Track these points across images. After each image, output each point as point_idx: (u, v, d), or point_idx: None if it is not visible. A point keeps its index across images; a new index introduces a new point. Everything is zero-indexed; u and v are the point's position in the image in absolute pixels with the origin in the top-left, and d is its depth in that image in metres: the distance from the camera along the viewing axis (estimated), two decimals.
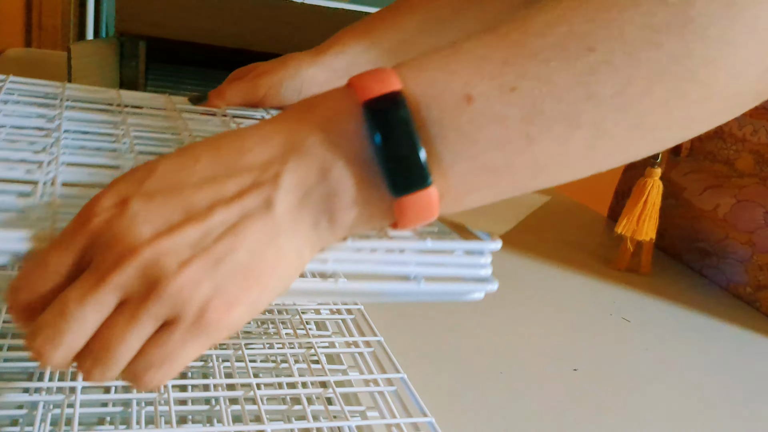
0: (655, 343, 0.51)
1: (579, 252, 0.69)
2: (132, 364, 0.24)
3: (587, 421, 0.40)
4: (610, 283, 0.62)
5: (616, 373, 0.46)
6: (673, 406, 0.43)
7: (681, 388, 0.45)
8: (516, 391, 0.42)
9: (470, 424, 0.38)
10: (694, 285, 0.66)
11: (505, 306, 0.54)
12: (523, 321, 0.52)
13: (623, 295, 0.60)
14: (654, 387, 0.45)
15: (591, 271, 0.64)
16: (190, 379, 0.36)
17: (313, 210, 0.25)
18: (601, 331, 0.52)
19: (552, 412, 0.40)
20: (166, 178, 0.25)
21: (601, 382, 0.44)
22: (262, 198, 0.25)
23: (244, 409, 0.32)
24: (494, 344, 0.47)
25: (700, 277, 0.68)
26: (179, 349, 0.24)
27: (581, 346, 0.49)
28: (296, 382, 0.35)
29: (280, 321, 0.41)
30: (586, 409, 0.41)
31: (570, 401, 0.42)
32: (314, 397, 0.35)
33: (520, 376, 0.44)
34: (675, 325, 0.55)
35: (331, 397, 0.34)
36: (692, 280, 0.67)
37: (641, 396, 0.44)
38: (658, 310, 0.58)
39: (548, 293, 0.58)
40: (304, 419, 0.33)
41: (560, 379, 0.44)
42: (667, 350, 0.51)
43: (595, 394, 0.43)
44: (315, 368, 0.37)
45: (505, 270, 0.61)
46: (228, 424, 0.31)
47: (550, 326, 0.51)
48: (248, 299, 0.25)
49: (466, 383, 0.42)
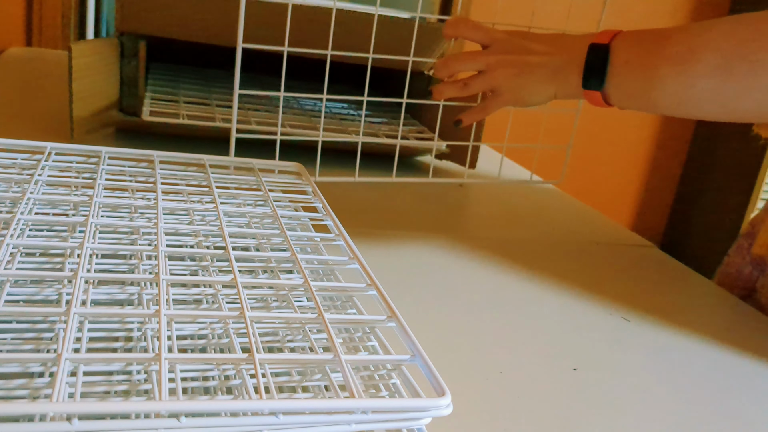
0: (655, 343, 0.51)
1: (579, 251, 0.70)
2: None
3: (587, 421, 0.40)
4: (610, 283, 0.62)
5: (616, 373, 0.46)
6: (673, 406, 0.43)
7: (681, 389, 0.45)
8: (516, 391, 0.42)
9: (470, 424, 0.38)
10: (694, 285, 0.66)
11: (505, 305, 0.54)
12: (523, 321, 0.52)
13: (623, 295, 0.60)
14: (654, 387, 0.45)
15: (591, 271, 0.64)
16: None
17: (554, 79, 0.59)
18: (600, 331, 0.52)
19: (552, 412, 0.40)
20: (516, 43, 0.61)
21: (601, 382, 0.45)
22: (547, 64, 0.59)
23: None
24: (494, 344, 0.47)
25: (701, 276, 0.68)
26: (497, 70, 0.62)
27: (581, 346, 0.49)
28: None
29: None
30: (586, 409, 0.41)
31: (570, 401, 0.42)
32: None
33: (520, 376, 0.44)
34: (675, 325, 0.55)
35: (327, 385, 0.34)
36: (693, 280, 0.67)
37: (641, 396, 0.44)
38: (657, 310, 0.58)
39: (548, 293, 0.58)
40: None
41: (560, 379, 0.44)
42: (667, 350, 0.51)
43: (595, 394, 0.43)
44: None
45: (504, 270, 0.61)
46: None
47: (550, 326, 0.51)
48: (518, 93, 0.61)
49: (465, 383, 0.42)
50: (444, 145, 0.88)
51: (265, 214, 0.48)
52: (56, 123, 0.84)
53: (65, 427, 0.24)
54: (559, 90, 0.60)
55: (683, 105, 0.53)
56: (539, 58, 0.60)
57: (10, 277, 0.35)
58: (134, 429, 0.24)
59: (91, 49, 0.77)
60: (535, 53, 0.60)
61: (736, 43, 0.49)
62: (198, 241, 0.46)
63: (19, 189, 0.46)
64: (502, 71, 0.61)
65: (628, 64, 0.54)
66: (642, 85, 0.54)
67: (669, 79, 0.52)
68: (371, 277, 0.38)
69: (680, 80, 0.51)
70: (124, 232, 0.45)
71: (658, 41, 0.53)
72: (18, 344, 0.33)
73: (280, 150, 0.73)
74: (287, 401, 0.26)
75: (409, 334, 0.33)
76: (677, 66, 0.51)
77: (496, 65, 0.61)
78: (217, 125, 0.79)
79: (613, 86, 0.56)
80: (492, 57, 0.61)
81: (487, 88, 0.62)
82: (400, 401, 0.28)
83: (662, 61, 0.52)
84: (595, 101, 0.58)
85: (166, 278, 0.35)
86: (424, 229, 0.69)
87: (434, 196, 0.80)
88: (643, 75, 0.53)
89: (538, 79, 0.60)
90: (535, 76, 0.60)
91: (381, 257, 0.59)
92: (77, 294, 0.32)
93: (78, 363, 0.29)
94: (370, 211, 0.71)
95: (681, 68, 0.51)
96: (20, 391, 0.29)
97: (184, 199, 0.50)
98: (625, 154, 2.43)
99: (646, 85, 0.53)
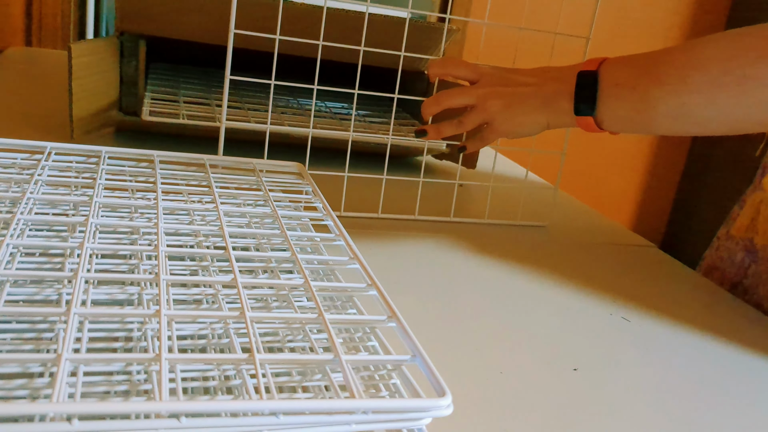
0: (656, 344, 0.51)
1: (579, 251, 0.69)
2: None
3: (587, 421, 0.40)
4: (610, 283, 0.62)
5: (616, 373, 0.46)
6: (673, 406, 0.43)
7: (682, 389, 0.45)
8: (516, 391, 0.42)
9: (470, 424, 0.38)
10: (694, 285, 0.66)
11: (506, 305, 0.54)
12: (523, 321, 0.52)
13: (623, 295, 0.60)
14: (654, 387, 0.45)
15: (591, 271, 0.64)
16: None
17: (546, 107, 0.59)
18: (601, 331, 0.52)
19: (552, 412, 0.40)
20: (504, 76, 0.62)
21: (601, 382, 0.44)
22: (536, 94, 0.59)
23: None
24: (494, 344, 0.47)
25: (701, 276, 0.68)
26: (486, 101, 0.61)
27: (581, 346, 0.49)
28: None
29: None
30: (586, 409, 0.41)
31: (570, 401, 0.42)
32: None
33: (520, 376, 0.44)
34: (675, 325, 0.55)
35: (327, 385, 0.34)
36: (693, 280, 0.67)
37: (641, 396, 0.44)
38: (658, 310, 0.58)
39: (548, 293, 0.58)
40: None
41: (560, 379, 0.44)
42: (668, 350, 0.51)
43: (595, 394, 0.43)
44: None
45: (505, 270, 0.61)
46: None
47: (550, 326, 0.51)
48: (511, 123, 0.61)
49: (465, 383, 0.42)
50: (444, 145, 0.88)
51: (266, 214, 0.48)
52: (56, 123, 0.84)
53: (65, 428, 0.24)
54: (551, 119, 0.60)
55: (678, 122, 0.53)
56: (528, 89, 0.60)
57: (10, 277, 0.35)
58: (134, 429, 0.24)
59: (90, 49, 0.77)
60: (524, 84, 0.60)
61: (724, 58, 0.49)
62: (198, 241, 0.46)
63: (19, 189, 0.46)
64: (492, 102, 0.61)
65: (617, 86, 0.55)
66: (633, 107, 0.54)
67: (660, 99, 0.52)
68: (371, 277, 0.38)
69: (671, 99, 0.52)
70: (124, 232, 0.45)
71: (646, 63, 0.53)
72: (18, 344, 0.33)
73: (280, 150, 0.73)
74: (287, 401, 0.26)
75: (409, 334, 0.33)
76: (667, 85, 0.52)
77: (486, 97, 0.61)
78: (217, 125, 0.79)
79: (605, 110, 0.56)
80: (482, 90, 0.61)
81: (481, 121, 0.62)
82: (400, 401, 0.28)
83: (652, 82, 0.53)
84: (589, 127, 0.58)
85: (166, 278, 0.35)
86: (424, 229, 0.69)
87: (434, 196, 0.80)
88: (633, 96, 0.54)
89: (530, 109, 0.60)
90: (526, 105, 0.60)
91: (381, 257, 0.59)
92: (77, 294, 0.32)
93: (78, 363, 0.29)
94: (370, 211, 0.71)
95: (671, 87, 0.51)
96: (20, 392, 0.29)
97: (184, 199, 0.50)
98: (625, 154, 2.43)
99: (638, 107, 0.54)
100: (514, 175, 0.99)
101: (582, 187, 2.40)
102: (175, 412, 0.25)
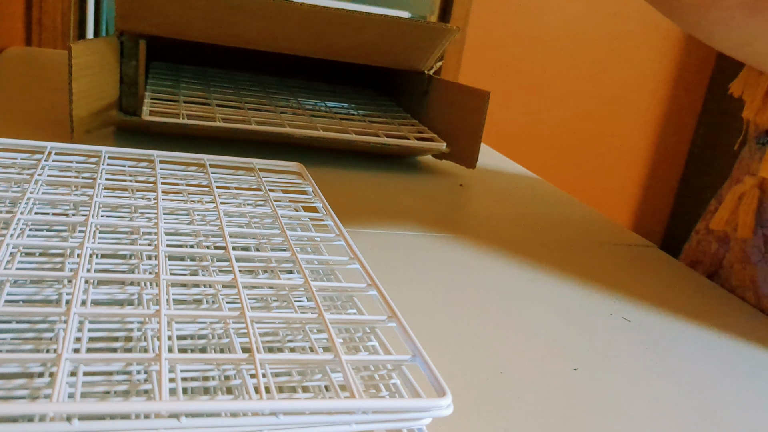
0: (656, 344, 0.51)
1: (579, 251, 0.70)
2: None
3: (587, 421, 0.40)
4: (610, 283, 0.62)
5: (616, 373, 0.46)
6: (674, 406, 0.43)
7: (683, 389, 0.45)
8: (516, 391, 0.42)
9: (470, 424, 0.38)
10: (695, 285, 0.66)
11: (506, 305, 0.54)
12: (523, 321, 0.52)
13: (623, 295, 0.60)
14: (655, 387, 0.45)
15: (591, 271, 0.64)
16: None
17: None
18: (601, 331, 0.52)
19: (552, 412, 0.40)
20: None
21: (601, 382, 0.44)
22: None
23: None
24: (495, 344, 0.47)
25: (702, 276, 0.68)
26: None
27: (581, 346, 0.49)
28: None
29: None
30: (586, 409, 0.41)
31: (570, 401, 0.42)
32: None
33: (520, 376, 0.44)
34: (675, 325, 0.55)
35: (327, 385, 0.34)
36: (693, 280, 0.67)
37: (642, 396, 0.44)
38: (658, 310, 0.58)
39: (548, 292, 0.58)
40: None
41: (560, 379, 0.44)
42: (668, 350, 0.51)
43: (595, 394, 0.43)
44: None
45: (504, 269, 0.61)
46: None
47: (550, 326, 0.51)
48: None
49: (465, 383, 0.42)
50: (444, 145, 0.88)
51: (266, 214, 0.48)
52: (56, 123, 0.84)
53: (65, 428, 0.24)
54: None
55: (700, 27, 0.49)
56: None
57: (10, 277, 0.35)
58: (134, 429, 0.24)
59: (91, 49, 0.77)
60: None
61: None
62: (198, 241, 0.46)
63: (19, 189, 0.46)
64: None
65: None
66: None
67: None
68: (371, 277, 0.38)
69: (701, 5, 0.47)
70: (124, 232, 0.45)
71: None
72: (18, 344, 0.33)
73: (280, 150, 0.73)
74: (287, 401, 0.26)
75: (409, 334, 0.33)
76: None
77: None
78: (217, 125, 0.79)
79: None
80: None
81: None
82: (400, 401, 0.28)
83: None
84: None
85: (166, 278, 0.35)
86: (425, 229, 0.69)
87: (434, 196, 0.80)
88: None
89: None
90: None
91: (381, 257, 0.59)
92: (77, 294, 0.32)
93: (78, 363, 0.29)
94: (371, 211, 0.71)
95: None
96: (20, 391, 0.29)
97: (184, 198, 0.50)
98: (625, 154, 2.43)
99: None
100: (513, 173, 0.99)
101: (582, 187, 2.40)
102: (175, 412, 0.25)
